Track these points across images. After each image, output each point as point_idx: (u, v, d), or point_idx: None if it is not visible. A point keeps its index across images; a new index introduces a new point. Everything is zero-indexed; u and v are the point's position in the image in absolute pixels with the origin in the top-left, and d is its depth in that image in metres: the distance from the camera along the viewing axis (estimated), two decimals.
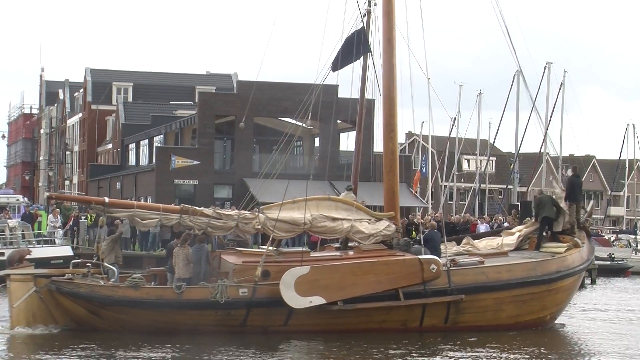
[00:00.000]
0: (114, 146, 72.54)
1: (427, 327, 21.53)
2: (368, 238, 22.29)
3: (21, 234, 36.03)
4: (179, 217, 21.61)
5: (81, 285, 20.72)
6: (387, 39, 23.51)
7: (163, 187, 50.26)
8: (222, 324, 20.51)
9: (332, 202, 22.87)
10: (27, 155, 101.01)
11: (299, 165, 54.65)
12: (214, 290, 20.37)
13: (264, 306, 20.58)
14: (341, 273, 20.84)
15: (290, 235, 23.11)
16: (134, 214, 21.54)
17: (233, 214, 22.23)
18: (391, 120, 23.59)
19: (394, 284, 21.04)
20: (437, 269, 21.24)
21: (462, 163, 77.24)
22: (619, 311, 28.89)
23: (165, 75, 79.45)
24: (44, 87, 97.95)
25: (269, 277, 20.72)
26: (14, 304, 20.58)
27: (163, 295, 20.66)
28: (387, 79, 23.56)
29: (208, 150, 51.17)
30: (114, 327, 20.70)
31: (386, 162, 23.60)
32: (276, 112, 51.42)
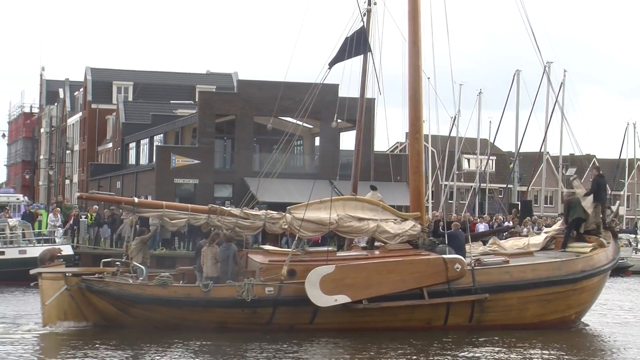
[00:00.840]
0: (114, 145, 72.56)
1: (452, 325, 21.78)
2: (394, 238, 22.64)
3: (21, 233, 36.05)
4: (207, 217, 22.09)
5: (110, 283, 21.18)
6: (412, 41, 23.85)
7: (163, 186, 50.27)
8: (248, 321, 20.90)
9: (359, 203, 23.21)
10: (28, 155, 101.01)
11: (299, 165, 54.68)
12: (241, 289, 20.74)
13: (290, 304, 20.93)
14: (366, 272, 21.16)
15: (316, 235, 23.47)
16: (162, 214, 22.10)
17: (260, 214, 22.63)
18: (416, 122, 23.96)
19: (419, 282, 21.33)
20: (461, 268, 21.52)
21: (462, 162, 77.24)
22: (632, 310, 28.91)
23: (166, 75, 79.45)
24: (44, 86, 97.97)
25: (295, 276, 21.08)
26: (46, 302, 21.06)
27: (190, 294, 21.05)
28: (413, 81, 23.90)
29: (208, 150, 51.20)
30: (143, 324, 21.09)
31: (412, 163, 24.01)
32: (276, 111, 51.40)
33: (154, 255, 38.11)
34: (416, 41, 23.74)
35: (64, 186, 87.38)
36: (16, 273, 34.44)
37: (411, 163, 23.98)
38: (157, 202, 23.71)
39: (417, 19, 23.78)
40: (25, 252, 35.28)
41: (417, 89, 23.84)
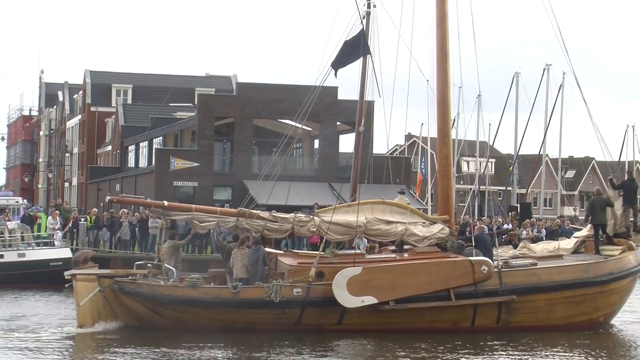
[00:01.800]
0: (114, 148, 72.53)
1: (479, 327, 22.07)
2: (422, 240, 22.99)
3: (20, 235, 36.01)
4: (236, 220, 22.57)
5: (142, 285, 21.69)
6: (440, 47, 24.17)
7: (163, 189, 50.24)
8: (277, 322, 21.33)
9: (387, 206, 23.56)
10: (27, 157, 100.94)
11: (299, 167, 54.66)
12: (269, 290, 21.21)
13: (318, 305, 21.34)
14: (393, 273, 21.62)
15: (345, 238, 23.74)
16: (192, 217, 22.63)
17: (289, 217, 23.04)
18: (445, 127, 24.32)
19: (445, 284, 21.72)
20: (488, 270, 21.94)
21: (461, 165, 77.22)
22: None
23: (165, 77, 79.44)
24: (43, 89, 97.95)
25: (323, 277, 21.49)
26: (80, 303, 21.67)
27: (220, 295, 21.53)
28: (441, 87, 24.25)
29: (207, 152, 51.19)
30: (174, 325, 21.61)
31: (440, 167, 24.43)
32: (276, 114, 51.43)
33: (153, 258, 38.12)
34: (444, 47, 24.11)
35: (63, 189, 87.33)
36: (15, 276, 34.45)
37: (440, 167, 24.52)
38: (187, 205, 24.24)
39: (444, 25, 24.14)
40: (24, 255, 35.27)
41: (444, 94, 24.24)
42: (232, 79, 76.57)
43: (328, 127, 51.13)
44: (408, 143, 79.68)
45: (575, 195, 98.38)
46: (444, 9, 24.12)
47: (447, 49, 24.05)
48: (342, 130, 52.87)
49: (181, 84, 77.19)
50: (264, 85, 52.09)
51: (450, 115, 24.62)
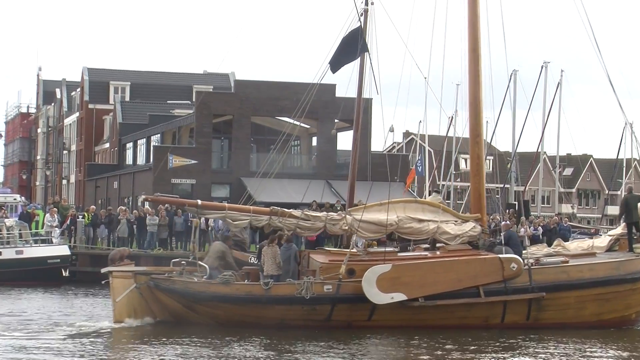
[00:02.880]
0: (112, 145, 72.48)
1: (509, 323, 22.39)
2: (454, 239, 23.30)
3: (18, 233, 36.02)
4: (269, 219, 23.02)
5: (177, 281, 22.25)
6: (472, 49, 24.50)
7: (160, 186, 50.09)
8: (307, 318, 21.81)
9: (419, 205, 24.04)
10: (25, 155, 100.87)
11: (297, 165, 54.65)
12: (300, 287, 21.70)
13: (348, 302, 21.78)
14: (422, 271, 22.06)
15: (377, 236, 23.99)
16: (225, 216, 23.11)
17: (321, 216, 23.47)
18: (477, 127, 24.69)
19: (475, 281, 22.13)
20: (517, 268, 22.29)
21: (459, 162, 77.23)
22: None
23: (163, 75, 79.38)
24: (41, 86, 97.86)
25: (354, 274, 21.88)
26: (117, 299, 22.24)
27: (252, 291, 22.01)
28: (473, 88, 24.56)
29: (205, 150, 51.16)
30: (208, 321, 22.14)
31: (472, 166, 24.81)
32: (274, 112, 51.41)
33: (150, 255, 38.12)
34: (475, 48, 24.43)
35: (61, 186, 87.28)
36: (13, 273, 34.45)
37: (471, 166, 24.85)
38: (220, 204, 24.78)
39: (476, 26, 24.44)
40: (22, 253, 35.28)
41: (476, 95, 24.57)
42: (230, 77, 76.48)
43: (326, 124, 51.12)
44: (406, 141, 79.71)
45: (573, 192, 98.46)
46: (476, 11, 24.45)
47: (479, 51, 24.44)
48: (340, 128, 52.84)
49: (179, 82, 77.14)
50: (262, 83, 52.06)
51: (483, 116, 25.05)
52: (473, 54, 24.43)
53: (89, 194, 69.22)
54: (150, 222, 38.63)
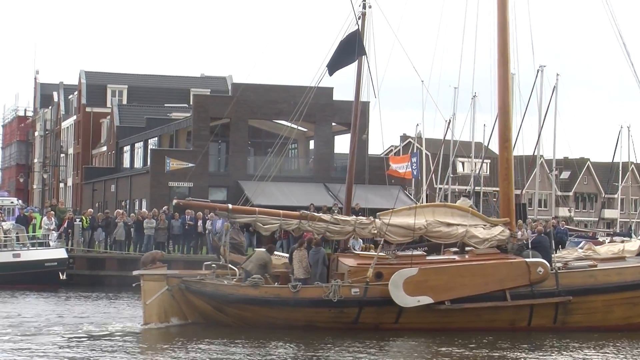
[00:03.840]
0: (109, 149, 72.46)
1: (536, 326, 22.65)
2: (483, 242, 23.51)
3: (15, 236, 35.99)
4: (299, 223, 23.48)
5: (207, 284, 22.72)
6: (501, 53, 24.69)
7: (158, 189, 50.21)
8: (335, 321, 22.22)
9: (448, 209, 24.33)
10: (22, 158, 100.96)
11: (294, 168, 54.67)
12: (328, 290, 22.07)
13: (376, 305, 22.14)
14: (448, 274, 22.41)
15: (406, 240, 24.16)
16: (256, 220, 23.54)
17: (350, 220, 23.74)
18: (506, 132, 24.93)
19: (501, 285, 22.41)
20: (544, 272, 22.60)
21: (456, 165, 77.28)
22: None
23: (160, 78, 79.40)
24: (38, 90, 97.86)
25: (382, 278, 22.20)
26: (147, 302, 22.67)
27: (280, 294, 22.50)
28: (502, 94, 24.83)
29: (203, 153, 51.15)
30: (237, 322, 22.62)
31: (501, 171, 24.94)
32: (271, 115, 51.45)
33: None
34: (505, 53, 24.62)
35: (58, 189, 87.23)
36: (10, 276, 34.41)
37: (500, 171, 25.00)
38: (251, 208, 24.86)
39: (505, 31, 24.61)
40: (19, 256, 35.24)
41: (505, 99, 24.82)
42: (228, 80, 76.53)
43: (323, 127, 51.14)
44: (403, 144, 79.75)
45: (570, 196, 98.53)
46: (505, 16, 24.62)
47: (507, 57, 24.64)
48: (338, 131, 52.88)
49: (176, 85, 77.18)
50: (259, 86, 52.08)
51: (512, 122, 25.32)
52: (502, 59, 24.71)
53: (86, 197, 69.18)
54: (147, 225, 38.61)
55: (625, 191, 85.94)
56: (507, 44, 24.60)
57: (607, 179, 78.92)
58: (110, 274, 38.22)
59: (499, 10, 24.64)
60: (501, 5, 24.61)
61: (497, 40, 24.68)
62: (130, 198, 56.08)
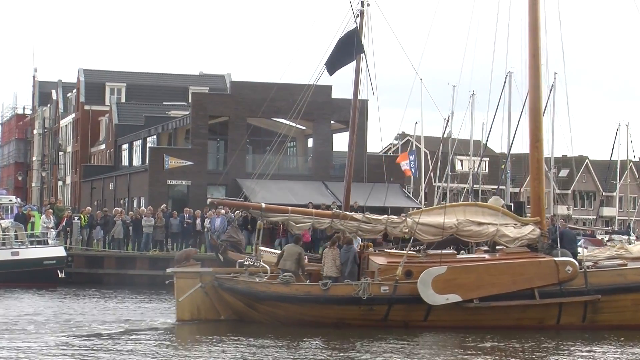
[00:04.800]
0: (107, 147, 72.43)
1: (565, 325, 22.99)
2: (513, 241, 23.77)
3: (14, 234, 35.99)
4: (331, 221, 23.88)
5: (239, 281, 23.17)
6: (532, 55, 24.95)
7: (156, 187, 50.18)
8: (365, 318, 22.59)
9: (479, 208, 24.68)
10: (20, 156, 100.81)
11: (292, 166, 54.65)
12: (357, 288, 22.44)
13: (405, 302, 22.53)
14: (477, 273, 22.76)
15: (436, 238, 24.37)
16: (288, 219, 23.98)
17: (382, 219, 24.05)
18: (537, 132, 25.16)
19: (529, 283, 22.71)
20: (572, 270, 22.86)
21: (455, 164, 77.26)
22: None
23: (159, 76, 79.33)
24: (37, 88, 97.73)
25: (412, 276, 22.59)
26: (180, 299, 23.14)
27: (311, 292, 22.86)
28: (533, 93, 25.09)
29: (201, 151, 51.13)
30: (269, 319, 23.08)
31: (532, 170, 25.26)
32: (270, 113, 51.42)
33: (146, 257, 38.14)
34: (536, 54, 24.85)
35: (57, 188, 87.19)
36: (9, 274, 34.41)
37: (532, 170, 25.27)
38: (283, 207, 25.28)
39: (537, 32, 24.84)
40: (17, 254, 35.25)
41: (536, 100, 25.07)
42: (226, 78, 76.47)
43: (322, 125, 51.12)
44: (402, 142, 79.73)
45: (568, 194, 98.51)
46: (537, 17, 24.83)
47: (539, 57, 24.85)
48: (336, 129, 52.86)
49: (175, 83, 77.12)
50: (257, 84, 52.02)
51: (542, 121, 25.55)
52: (533, 59, 24.91)
53: (85, 195, 69.14)
54: (146, 224, 38.62)
55: (623, 189, 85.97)
56: (538, 46, 24.86)
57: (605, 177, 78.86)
58: (109, 272, 38.25)
59: (530, 12, 24.92)
60: (532, 8, 24.86)
61: (528, 42, 24.96)
62: (129, 196, 56.05)
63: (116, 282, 37.42)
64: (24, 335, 20.94)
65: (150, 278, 37.56)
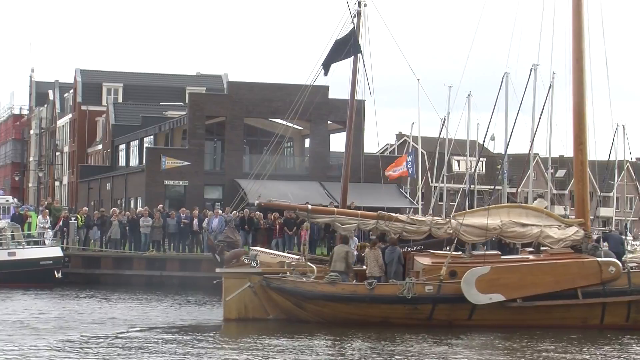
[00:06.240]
0: (104, 147, 72.38)
1: (609, 324, 23.41)
2: (557, 242, 24.18)
3: (11, 234, 35.94)
4: (376, 222, 24.29)
5: (287, 281, 23.68)
6: (575, 58, 25.30)
7: (153, 188, 50.16)
8: (410, 317, 23.12)
9: (523, 210, 25.18)
10: (17, 156, 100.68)
11: (290, 166, 54.65)
12: (402, 287, 22.96)
13: (449, 302, 23.05)
14: (520, 273, 23.25)
15: (480, 239, 24.92)
16: (334, 220, 24.44)
17: (426, 220, 24.69)
18: (581, 134, 25.55)
19: (572, 283, 23.17)
20: (615, 271, 23.25)
21: (452, 164, 77.29)
22: None
23: (156, 76, 79.27)
24: (33, 88, 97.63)
25: (456, 276, 23.11)
26: (227, 298, 23.83)
27: (356, 291, 23.41)
28: (577, 97, 25.41)
29: (198, 151, 51.13)
30: (316, 318, 23.61)
31: (576, 172, 25.72)
32: (267, 113, 51.42)
33: (143, 257, 38.12)
34: (579, 59, 25.18)
35: (54, 188, 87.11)
36: (5, 275, 34.38)
37: (575, 173, 25.75)
38: (329, 208, 26.01)
39: (580, 37, 25.18)
40: (14, 254, 35.21)
41: (580, 103, 25.36)
42: (223, 78, 76.44)
43: (319, 126, 51.14)
44: (398, 142, 79.77)
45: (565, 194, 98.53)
46: (580, 22, 25.13)
47: (582, 61, 25.15)
48: (333, 130, 52.87)
49: (172, 83, 77.07)
50: (255, 84, 52.03)
51: (586, 125, 25.71)
52: (577, 64, 25.20)
53: (82, 196, 69.08)
54: (143, 224, 38.59)
55: (620, 189, 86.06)
56: (582, 50, 25.13)
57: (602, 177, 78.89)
58: (106, 273, 38.24)
59: (573, 17, 25.19)
60: (576, 12, 25.13)
61: (572, 46, 25.28)
62: (126, 196, 56.02)
63: (113, 283, 37.40)
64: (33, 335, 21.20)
65: (147, 278, 37.55)
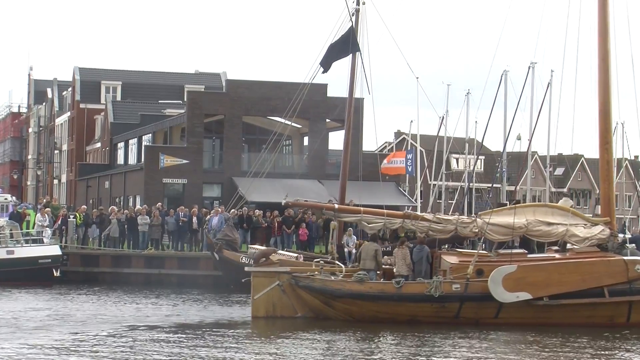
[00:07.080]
0: (103, 145, 72.36)
1: (635, 323, 23.60)
2: (583, 241, 24.36)
3: (9, 233, 35.94)
4: (402, 222, 24.65)
5: (315, 279, 23.97)
6: (601, 58, 25.45)
7: (152, 186, 50.14)
8: (437, 315, 23.39)
9: (549, 209, 25.35)
10: (16, 154, 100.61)
11: (288, 165, 54.63)
12: (430, 286, 23.23)
13: (476, 300, 23.27)
14: (547, 271, 23.47)
15: (506, 238, 25.11)
16: (361, 219, 24.71)
17: (452, 219, 24.91)
18: (606, 134, 25.76)
19: (599, 282, 23.40)
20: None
21: (450, 162, 77.30)
22: None
23: (154, 74, 79.22)
24: (32, 86, 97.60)
25: (483, 274, 23.33)
26: (255, 297, 24.02)
27: (384, 289, 23.67)
28: (603, 96, 25.50)
29: (197, 149, 51.11)
30: (344, 316, 23.86)
31: (602, 172, 25.87)
32: (265, 111, 51.41)
33: (142, 256, 38.12)
34: (605, 58, 25.33)
35: (52, 186, 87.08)
36: (4, 273, 34.37)
37: (601, 172, 25.88)
38: (356, 207, 26.09)
39: (606, 36, 25.31)
40: (13, 253, 35.20)
41: (606, 102, 25.47)
42: (222, 76, 76.41)
43: (317, 124, 51.13)
44: (397, 140, 79.76)
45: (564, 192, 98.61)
46: (606, 23, 25.25)
47: (608, 60, 25.24)
48: (332, 128, 52.86)
49: (171, 81, 77.03)
50: (253, 83, 52.00)
51: (612, 124, 26.17)
52: (603, 63, 25.30)
53: (80, 194, 69.07)
54: (141, 222, 38.58)
55: (619, 187, 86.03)
56: (607, 50, 25.22)
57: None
58: (105, 271, 38.24)
59: (599, 16, 25.30)
60: (602, 12, 25.24)
61: (598, 46, 25.41)
62: (125, 195, 56.01)
63: (111, 281, 37.40)
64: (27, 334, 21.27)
65: (146, 276, 37.56)
